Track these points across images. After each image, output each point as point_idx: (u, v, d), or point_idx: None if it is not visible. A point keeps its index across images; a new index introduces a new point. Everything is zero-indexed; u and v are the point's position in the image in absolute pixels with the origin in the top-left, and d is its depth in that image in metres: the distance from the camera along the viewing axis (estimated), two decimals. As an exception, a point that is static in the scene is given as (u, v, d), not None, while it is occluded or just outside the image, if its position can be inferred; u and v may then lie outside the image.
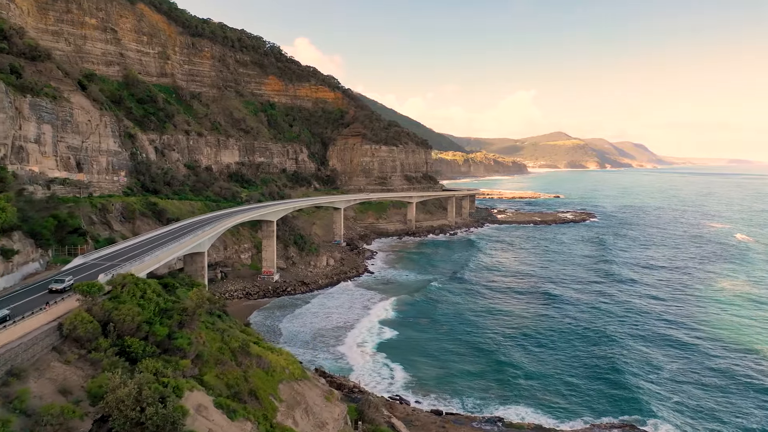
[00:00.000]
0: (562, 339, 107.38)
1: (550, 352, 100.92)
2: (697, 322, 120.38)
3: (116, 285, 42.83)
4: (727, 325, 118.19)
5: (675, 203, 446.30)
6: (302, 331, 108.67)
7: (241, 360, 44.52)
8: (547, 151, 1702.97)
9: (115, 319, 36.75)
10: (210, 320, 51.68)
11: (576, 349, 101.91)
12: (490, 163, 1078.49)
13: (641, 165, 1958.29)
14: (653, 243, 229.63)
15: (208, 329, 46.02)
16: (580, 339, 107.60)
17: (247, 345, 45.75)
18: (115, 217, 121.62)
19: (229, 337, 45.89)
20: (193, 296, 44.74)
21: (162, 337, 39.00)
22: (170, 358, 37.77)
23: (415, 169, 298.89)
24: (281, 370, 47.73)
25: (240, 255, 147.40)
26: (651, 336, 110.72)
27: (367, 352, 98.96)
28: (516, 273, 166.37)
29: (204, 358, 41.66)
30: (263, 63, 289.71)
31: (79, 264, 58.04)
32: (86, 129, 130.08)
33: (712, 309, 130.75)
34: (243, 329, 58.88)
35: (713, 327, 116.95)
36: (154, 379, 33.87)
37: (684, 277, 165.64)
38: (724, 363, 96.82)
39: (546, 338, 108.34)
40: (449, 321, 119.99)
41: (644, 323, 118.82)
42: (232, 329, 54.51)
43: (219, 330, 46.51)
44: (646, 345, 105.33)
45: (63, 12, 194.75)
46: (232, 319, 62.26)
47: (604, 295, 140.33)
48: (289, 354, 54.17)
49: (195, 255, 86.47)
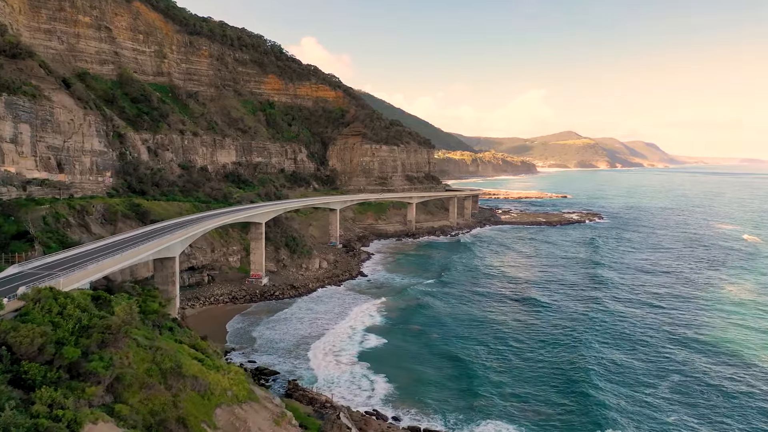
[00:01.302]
0: (553, 352, 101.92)
1: (539, 365, 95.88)
2: (698, 331, 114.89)
3: (29, 300, 38.77)
4: (730, 335, 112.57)
5: (683, 204, 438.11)
6: (282, 338, 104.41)
7: (172, 382, 40.27)
8: (557, 151, 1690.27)
9: (10, 341, 32.62)
10: (150, 335, 47.54)
11: (567, 364, 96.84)
12: (498, 163, 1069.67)
13: (652, 164, 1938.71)
14: (658, 245, 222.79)
15: (139, 347, 41.83)
16: (572, 352, 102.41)
17: (180, 365, 41.47)
18: (96, 219, 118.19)
19: (162, 356, 41.66)
20: (120, 311, 40.58)
21: (72, 359, 34.82)
22: (77, 385, 33.60)
23: (416, 168, 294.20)
24: (221, 392, 43.49)
25: (228, 258, 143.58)
26: (647, 347, 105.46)
27: (349, 362, 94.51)
28: (511, 279, 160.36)
29: (126, 381, 37.45)
30: (263, 62, 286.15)
31: (11, 274, 54.13)
32: (68, 128, 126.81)
33: (716, 316, 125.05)
34: (196, 343, 54.74)
35: (715, 337, 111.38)
36: (46, 412, 29.79)
37: (687, 281, 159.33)
38: (725, 376, 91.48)
39: (536, 350, 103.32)
40: (439, 328, 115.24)
41: (640, 333, 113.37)
42: (177, 344, 50.39)
43: (153, 348, 42.29)
44: (641, 357, 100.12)
45: (56, 10, 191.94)
46: (187, 332, 58.25)
47: (599, 303, 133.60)
48: (239, 371, 49.91)
49: (165, 260, 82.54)
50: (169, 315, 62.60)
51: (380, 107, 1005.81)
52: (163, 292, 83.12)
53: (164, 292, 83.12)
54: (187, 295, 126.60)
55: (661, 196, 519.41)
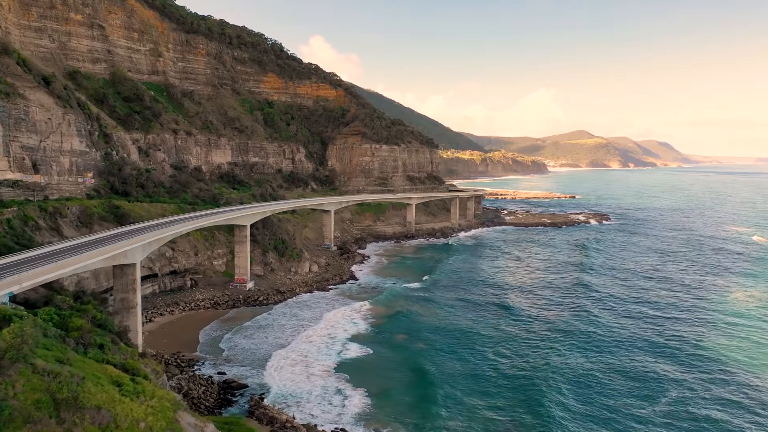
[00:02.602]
0: (542, 369, 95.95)
1: (528, 382, 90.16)
2: (697, 344, 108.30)
3: None
4: (731, 349, 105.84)
5: (693, 204, 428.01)
6: (259, 347, 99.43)
7: (66, 415, 35.14)
8: (569, 150, 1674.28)
9: None
10: (63, 356, 42.60)
11: (560, 381, 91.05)
12: (508, 163, 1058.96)
13: (666, 164, 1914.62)
14: (662, 249, 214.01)
15: (35, 374, 36.81)
16: (565, 367, 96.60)
17: (77, 395, 36.37)
18: (70, 221, 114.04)
19: (59, 384, 36.56)
20: (7, 333, 35.65)
21: (-69, 394, 29.90)
22: (-70, 426, 28.62)
23: (418, 168, 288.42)
24: (132, 424, 38.37)
25: (213, 261, 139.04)
26: (638, 364, 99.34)
27: (324, 374, 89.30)
28: (504, 286, 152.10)
29: (4, 416, 32.39)
30: (262, 60, 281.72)
31: None
32: (45, 128, 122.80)
33: (717, 328, 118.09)
34: (126, 362, 49.66)
35: (714, 351, 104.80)
36: None
37: (689, 289, 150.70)
38: (721, 397, 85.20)
39: (524, 363, 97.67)
40: (424, 338, 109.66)
41: (632, 348, 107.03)
42: (100, 365, 45.43)
43: (52, 374, 37.24)
44: (630, 375, 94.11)
45: (46, 8, 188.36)
46: (123, 349, 53.35)
47: (589, 313, 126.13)
48: (166, 397, 44.75)
49: (125, 267, 77.80)
50: (111, 329, 57.72)
51: (389, 107, 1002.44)
52: (123, 300, 78.48)
53: (124, 301, 78.47)
54: (166, 300, 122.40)
55: (671, 197, 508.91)
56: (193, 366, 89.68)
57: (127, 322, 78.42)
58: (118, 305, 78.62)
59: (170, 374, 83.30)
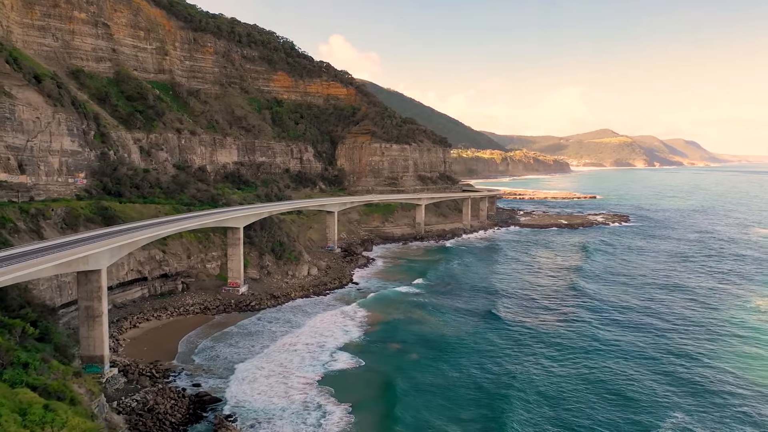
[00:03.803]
0: (535, 387, 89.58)
1: (521, 403, 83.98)
2: (708, 362, 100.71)
3: None
4: (747, 371, 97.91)
5: (719, 205, 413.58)
6: (242, 356, 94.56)
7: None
8: (593, 149, 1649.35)
9: None
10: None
11: (556, 404, 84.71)
12: (529, 162, 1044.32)
13: (692, 163, 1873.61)
14: (682, 253, 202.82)
15: None
16: (564, 389, 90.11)
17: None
18: (55, 223, 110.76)
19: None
20: None
21: None
22: None
23: (430, 168, 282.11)
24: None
25: (206, 264, 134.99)
26: (639, 379, 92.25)
27: (306, 388, 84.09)
28: (508, 292, 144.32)
29: None
30: (272, 58, 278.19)
31: None
32: (33, 127, 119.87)
33: (733, 345, 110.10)
34: (51, 383, 44.94)
35: (735, 371, 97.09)
36: None
37: (704, 300, 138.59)
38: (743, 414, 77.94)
39: (519, 381, 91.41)
40: (420, 348, 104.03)
41: (634, 362, 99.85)
42: (10, 390, 40.81)
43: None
44: (630, 395, 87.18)
45: (50, 6, 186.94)
46: (55, 367, 48.66)
47: (596, 328, 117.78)
48: (79, 425, 39.91)
49: (89, 273, 73.59)
50: (57, 343, 53.23)
51: (409, 106, 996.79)
52: (88, 309, 74.29)
53: (89, 310, 74.28)
54: (155, 305, 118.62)
55: (696, 197, 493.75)
56: (167, 377, 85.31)
57: (92, 332, 74.27)
58: (82, 314, 74.52)
59: (141, 386, 79.08)
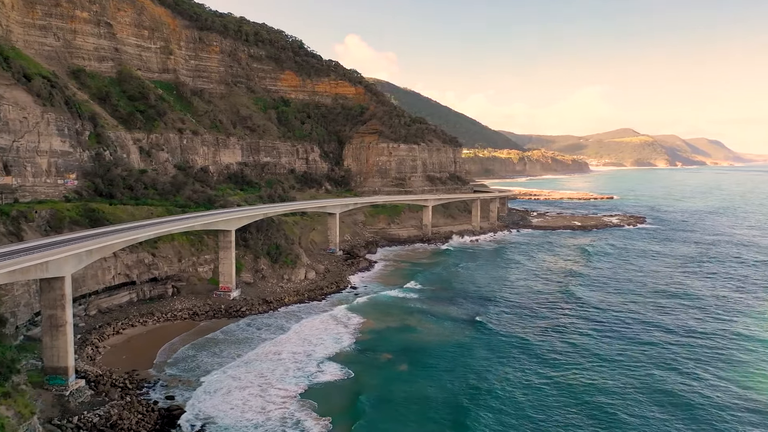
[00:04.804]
0: (520, 406, 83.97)
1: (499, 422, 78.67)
2: (716, 383, 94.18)
3: None
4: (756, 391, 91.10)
5: (740, 206, 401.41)
6: (223, 366, 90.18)
7: None
8: (613, 149, 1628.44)
9: None
10: None
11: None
12: (547, 162, 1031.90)
13: (716, 162, 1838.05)
14: (696, 258, 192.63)
15: None
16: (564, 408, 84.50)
17: None
18: (38, 226, 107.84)
19: None
20: None
21: None
22: None
23: (440, 168, 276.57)
24: None
25: (198, 268, 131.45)
26: (632, 400, 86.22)
27: (285, 401, 79.58)
28: (513, 301, 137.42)
29: None
30: (280, 57, 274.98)
31: None
32: (19, 127, 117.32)
33: (744, 364, 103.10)
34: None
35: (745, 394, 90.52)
36: None
37: (715, 311, 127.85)
38: None
39: (501, 398, 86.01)
40: (413, 357, 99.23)
41: (630, 380, 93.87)
42: None
43: None
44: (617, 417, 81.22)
45: (51, 5, 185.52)
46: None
47: (593, 344, 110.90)
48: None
49: (52, 281, 69.99)
50: None
51: (425, 106, 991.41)
52: (51, 318, 70.71)
53: (52, 319, 70.69)
54: (142, 310, 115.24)
55: (716, 198, 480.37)
56: (141, 388, 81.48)
57: (55, 342, 70.72)
58: (45, 323, 71.00)
59: (109, 399, 75.29)
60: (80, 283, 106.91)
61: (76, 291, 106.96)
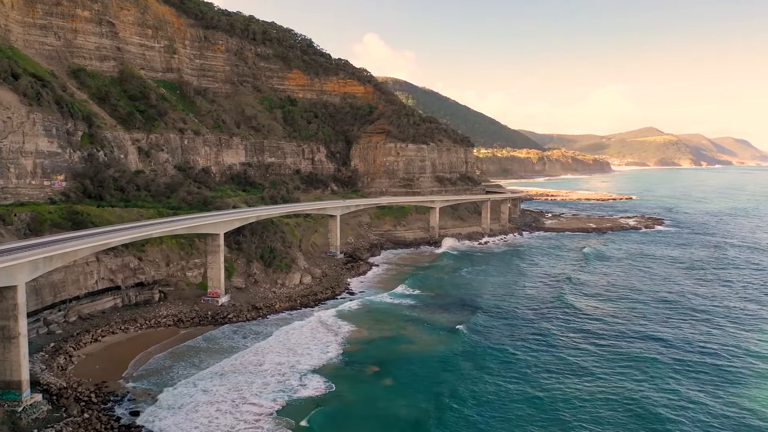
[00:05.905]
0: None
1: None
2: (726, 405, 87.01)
3: None
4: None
5: (764, 206, 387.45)
6: (197, 379, 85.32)
7: None
8: (636, 148, 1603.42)
9: None
10: None
11: None
12: (567, 161, 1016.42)
13: (742, 162, 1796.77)
14: (712, 264, 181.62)
15: None
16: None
17: None
18: (17, 229, 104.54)
19: None
20: None
21: None
22: None
23: (450, 169, 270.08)
24: None
25: (186, 272, 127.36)
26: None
27: (257, 418, 74.64)
28: (511, 310, 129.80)
29: None
30: (287, 56, 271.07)
31: None
32: (3, 127, 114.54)
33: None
34: None
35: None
36: None
37: (727, 327, 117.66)
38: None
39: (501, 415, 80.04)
40: (399, 370, 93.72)
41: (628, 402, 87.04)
42: None
43: None
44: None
45: (52, 4, 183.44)
46: None
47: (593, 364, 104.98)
48: None
49: (4, 290, 65.97)
50: None
51: (444, 105, 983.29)
52: (3, 329, 66.71)
53: (4, 330, 66.70)
54: (125, 316, 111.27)
55: (740, 198, 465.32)
56: (107, 402, 77.23)
57: (8, 354, 66.77)
58: (-4, 335, 67.00)
59: (67, 414, 71.09)
60: (60, 289, 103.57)
61: (55, 296, 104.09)
